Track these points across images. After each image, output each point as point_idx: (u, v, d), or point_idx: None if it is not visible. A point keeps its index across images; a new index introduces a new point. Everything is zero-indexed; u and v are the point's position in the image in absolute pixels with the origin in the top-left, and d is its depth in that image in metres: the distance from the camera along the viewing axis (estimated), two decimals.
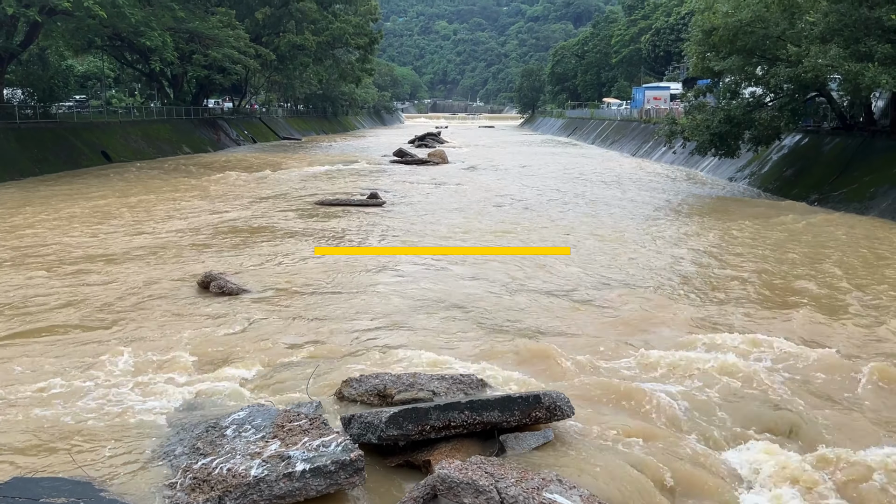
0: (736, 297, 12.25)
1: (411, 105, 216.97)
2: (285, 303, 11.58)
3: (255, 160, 43.47)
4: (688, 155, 35.67)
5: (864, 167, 24.47)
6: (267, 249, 16.06)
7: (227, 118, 64.21)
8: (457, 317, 10.96)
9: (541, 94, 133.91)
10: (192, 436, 6.38)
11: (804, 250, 16.28)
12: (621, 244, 17.11)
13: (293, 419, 6.36)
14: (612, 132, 65.21)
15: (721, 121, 26.31)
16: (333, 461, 5.64)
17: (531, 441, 6.40)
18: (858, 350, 9.64)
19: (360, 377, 7.61)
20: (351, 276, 13.62)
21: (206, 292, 12.11)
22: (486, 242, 17.05)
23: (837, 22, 21.96)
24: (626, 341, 9.87)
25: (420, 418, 6.25)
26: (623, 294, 12.37)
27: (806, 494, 6.00)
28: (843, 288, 12.87)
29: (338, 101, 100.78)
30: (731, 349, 9.29)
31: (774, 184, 28.70)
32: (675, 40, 77.70)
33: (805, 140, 30.47)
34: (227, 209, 22.39)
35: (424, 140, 62.09)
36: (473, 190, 28.45)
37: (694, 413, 7.50)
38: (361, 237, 17.89)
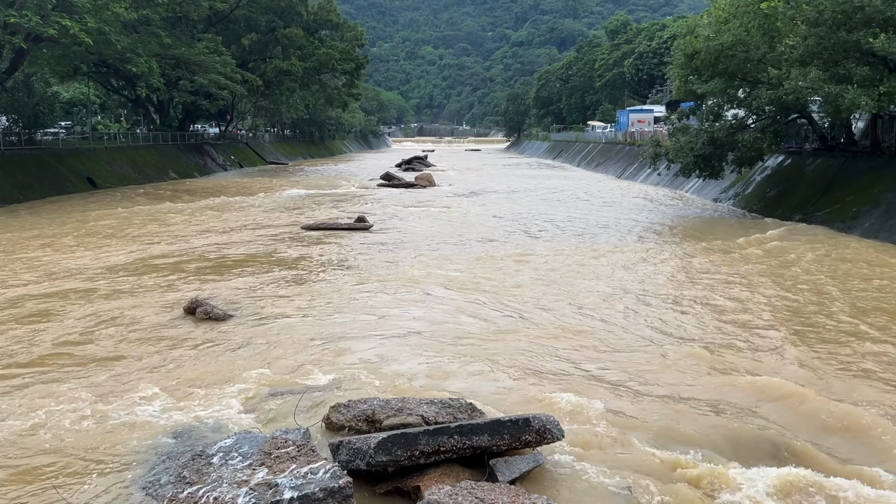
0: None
1: (398, 129, 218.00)
2: (272, 328, 11.51)
3: (242, 185, 43.44)
4: (672, 176, 35.99)
5: (847, 187, 24.77)
6: (253, 274, 15.98)
7: (213, 143, 64.19)
8: (448, 343, 10.92)
9: (526, 117, 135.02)
10: (178, 464, 6.29)
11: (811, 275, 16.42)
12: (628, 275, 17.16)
13: (281, 446, 6.29)
14: (597, 154, 65.71)
15: (705, 143, 26.59)
16: (322, 488, 5.57)
17: (521, 465, 6.35)
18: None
19: (349, 402, 7.55)
20: (340, 300, 13.56)
21: (192, 318, 12.02)
22: (479, 271, 17.05)
23: (817, 45, 22.34)
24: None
25: (409, 443, 6.20)
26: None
27: None
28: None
29: (324, 125, 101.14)
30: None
31: (759, 204, 28.97)
32: (657, 64, 78.77)
33: (788, 161, 30.83)
34: (213, 234, 22.31)
35: (411, 164, 62.32)
36: (462, 213, 28.51)
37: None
38: (347, 264, 17.84)
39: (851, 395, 8.70)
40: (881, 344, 10.69)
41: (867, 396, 8.67)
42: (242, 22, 57.26)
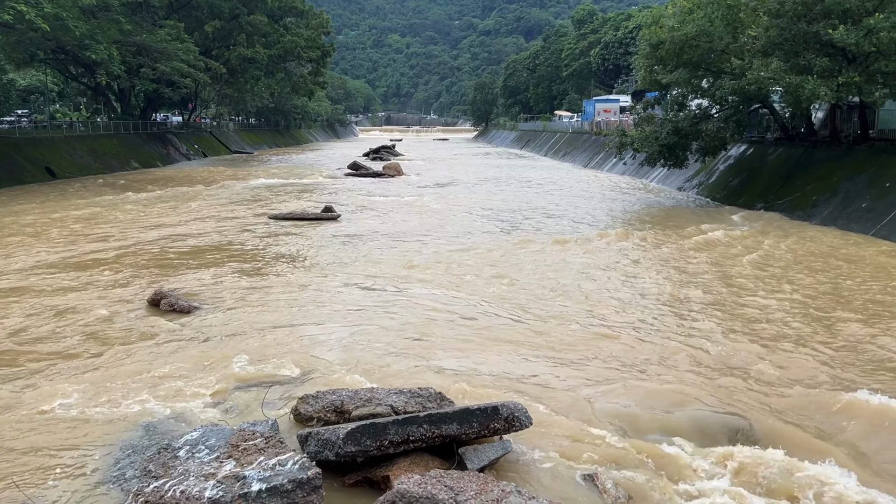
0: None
1: (365, 118, 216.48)
2: (239, 320, 11.39)
3: (207, 174, 42.82)
4: (638, 166, 36.36)
5: (807, 176, 25.28)
6: (219, 265, 15.80)
7: (176, 132, 63.08)
8: (416, 335, 10.93)
9: (494, 106, 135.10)
10: (144, 458, 6.22)
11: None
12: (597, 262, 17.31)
13: (248, 438, 6.25)
14: (564, 144, 66.08)
15: (669, 132, 26.91)
16: (290, 480, 5.55)
17: (490, 453, 6.40)
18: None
19: (317, 393, 7.52)
20: (308, 292, 13.47)
21: (157, 310, 11.85)
22: (449, 262, 17.06)
23: (778, 36, 22.70)
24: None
25: (378, 433, 6.20)
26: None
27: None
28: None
29: (290, 114, 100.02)
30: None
31: (722, 193, 29.43)
32: (623, 54, 79.40)
33: (750, 150, 31.35)
34: (177, 224, 21.98)
35: (379, 153, 62.03)
36: (430, 204, 28.48)
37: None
38: (314, 255, 17.72)
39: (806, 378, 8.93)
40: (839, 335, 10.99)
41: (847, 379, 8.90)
42: (205, 8, 56.25)
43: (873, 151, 23.45)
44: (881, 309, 12.19)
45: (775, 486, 6.33)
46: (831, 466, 6.61)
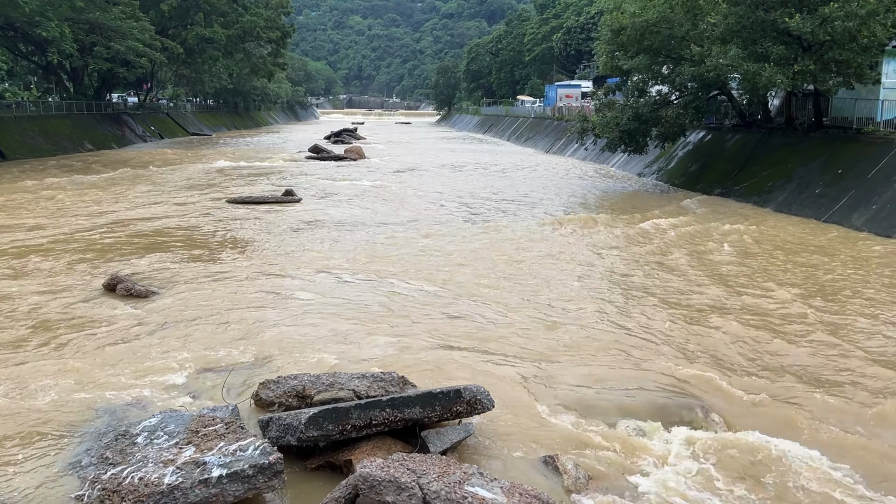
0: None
1: (326, 100, 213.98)
2: (197, 305, 11.22)
3: (163, 156, 41.94)
4: (599, 151, 36.67)
5: (763, 162, 25.78)
6: (176, 249, 15.52)
7: (132, 113, 61.54)
8: (377, 318, 10.90)
9: (457, 90, 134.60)
10: (101, 445, 6.11)
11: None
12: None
13: (208, 424, 6.18)
14: (526, 129, 66.25)
15: (630, 118, 27.14)
16: (251, 465, 5.51)
17: (452, 436, 6.43)
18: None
19: (278, 378, 7.46)
20: (267, 277, 13.32)
21: (113, 295, 11.61)
22: (413, 246, 17.02)
23: (736, 24, 23.00)
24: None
25: (341, 418, 6.18)
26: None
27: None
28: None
29: (249, 95, 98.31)
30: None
31: (681, 178, 29.86)
32: (585, 39, 79.68)
33: (708, 137, 31.83)
34: (132, 208, 21.51)
35: (341, 136, 61.42)
36: (392, 188, 28.35)
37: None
38: (275, 239, 17.51)
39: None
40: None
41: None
42: None
43: (827, 138, 24.00)
44: (816, 288, 12.55)
45: (731, 465, 6.49)
46: (790, 443, 6.81)
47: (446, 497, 5.15)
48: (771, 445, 6.77)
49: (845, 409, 7.82)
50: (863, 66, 21.73)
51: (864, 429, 7.40)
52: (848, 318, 10.99)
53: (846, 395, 8.19)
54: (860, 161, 21.31)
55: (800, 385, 8.45)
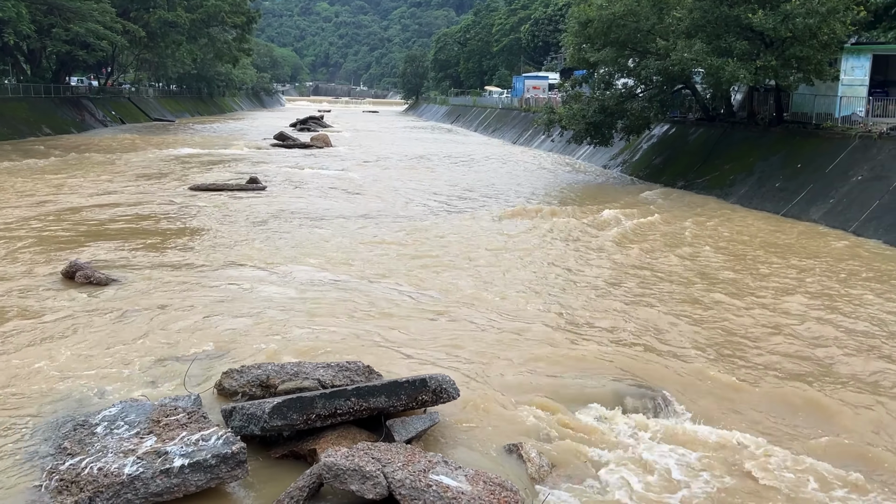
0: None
1: (292, 87, 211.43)
2: (158, 294, 11.05)
3: (125, 142, 41.09)
4: (565, 143, 36.84)
5: (725, 156, 26.20)
6: (137, 237, 15.26)
7: (92, 97, 60.10)
8: (341, 309, 10.85)
9: (424, 80, 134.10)
10: (59, 435, 6.00)
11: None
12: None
13: (170, 413, 6.10)
14: (493, 120, 66.33)
15: (596, 111, 27.34)
16: (214, 455, 5.47)
17: (418, 425, 6.44)
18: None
19: (242, 368, 7.39)
20: (230, 265, 13.17)
21: (72, 283, 11.37)
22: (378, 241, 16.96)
23: (701, 18, 23.29)
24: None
25: (305, 407, 6.15)
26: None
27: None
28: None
29: (214, 81, 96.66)
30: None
31: (645, 171, 30.21)
32: (553, 31, 79.90)
33: (672, 130, 32.24)
34: (92, 195, 21.07)
35: (307, 124, 60.84)
36: (357, 177, 28.20)
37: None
38: (238, 228, 17.31)
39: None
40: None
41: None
42: None
43: (787, 133, 24.48)
44: (762, 283, 12.85)
45: (692, 453, 6.62)
46: (739, 434, 6.98)
47: (411, 485, 5.17)
48: (730, 434, 6.93)
49: (804, 399, 8.03)
50: (822, 63, 22.19)
51: (817, 419, 7.61)
52: (813, 311, 11.27)
53: (808, 385, 8.40)
54: (818, 156, 21.79)
55: (760, 375, 8.64)
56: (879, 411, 7.76)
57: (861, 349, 9.61)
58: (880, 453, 6.88)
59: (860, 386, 8.46)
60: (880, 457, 6.81)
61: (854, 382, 8.55)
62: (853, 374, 8.78)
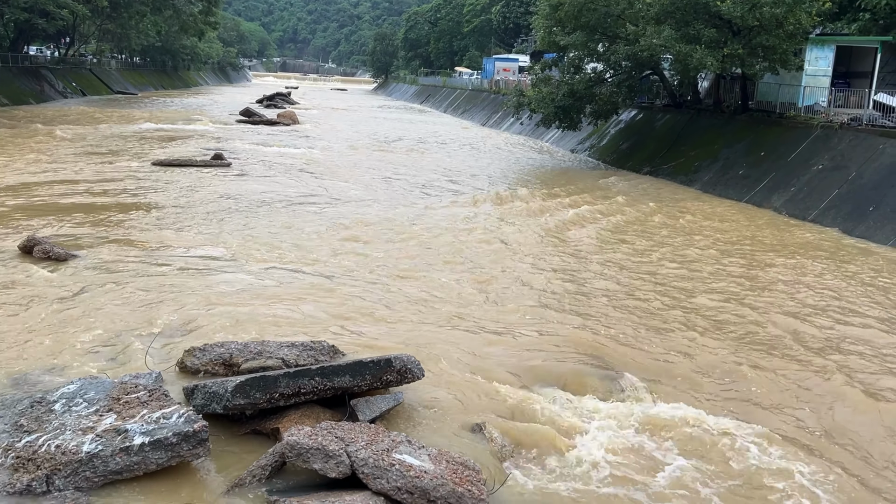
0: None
1: (259, 63, 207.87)
2: (119, 270, 10.85)
3: (86, 115, 40.09)
4: (534, 126, 36.95)
5: (691, 143, 26.52)
6: (98, 213, 14.94)
7: (52, 68, 58.41)
8: (305, 287, 10.79)
9: (394, 59, 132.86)
10: (14, 412, 5.87)
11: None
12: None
13: (130, 391, 6.02)
14: (463, 101, 66.13)
15: (565, 94, 27.40)
16: (175, 433, 5.41)
17: (382, 404, 6.46)
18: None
19: (204, 346, 7.32)
20: (192, 242, 12.98)
21: (30, 257, 11.10)
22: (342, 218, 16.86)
23: (671, 4, 23.41)
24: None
25: (269, 386, 6.12)
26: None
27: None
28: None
29: (178, 55, 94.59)
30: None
31: (612, 156, 30.44)
32: (524, 13, 79.67)
33: (640, 116, 32.49)
34: (52, 169, 20.55)
35: (273, 100, 59.98)
36: (324, 155, 27.94)
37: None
38: (201, 203, 17.05)
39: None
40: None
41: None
42: None
43: (752, 121, 24.84)
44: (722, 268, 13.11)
45: (656, 433, 6.76)
46: (701, 413, 7.14)
47: (374, 464, 5.19)
48: (694, 415, 7.09)
49: (769, 380, 8.23)
50: (788, 53, 22.52)
51: (781, 397, 7.81)
52: (767, 296, 11.52)
53: (771, 366, 8.61)
54: (781, 144, 22.16)
55: (725, 356, 8.83)
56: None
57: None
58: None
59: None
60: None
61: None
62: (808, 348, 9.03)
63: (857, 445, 6.96)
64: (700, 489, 6.01)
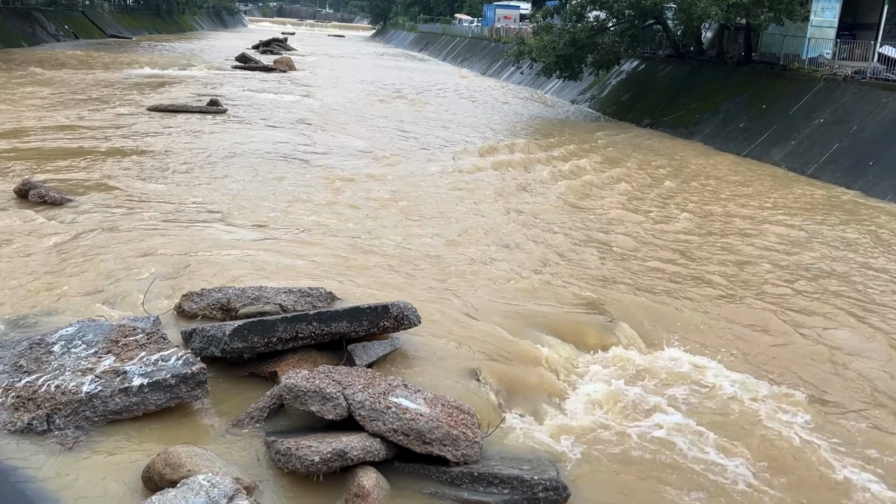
0: None
1: (255, 8, 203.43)
2: (115, 214, 10.81)
3: (80, 59, 39.39)
4: (535, 76, 36.42)
5: (692, 94, 26.23)
6: (93, 157, 14.81)
7: (44, 10, 57.19)
8: (303, 231, 10.77)
9: (393, 5, 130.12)
10: (14, 353, 5.92)
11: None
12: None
13: (129, 334, 6.06)
14: (463, 49, 65.03)
15: (566, 43, 26.95)
16: (174, 375, 5.47)
17: (379, 350, 6.51)
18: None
19: (202, 291, 7.33)
20: (188, 181, 12.91)
21: (25, 202, 11.05)
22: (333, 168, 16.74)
23: None
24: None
25: (266, 330, 6.16)
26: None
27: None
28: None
29: None
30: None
31: (612, 107, 30.12)
32: None
33: (642, 66, 32.04)
34: (47, 113, 20.30)
35: (270, 46, 58.88)
36: (321, 102, 27.61)
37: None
38: (196, 149, 16.90)
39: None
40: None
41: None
42: None
43: (755, 73, 24.53)
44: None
45: (650, 381, 6.85)
46: (699, 359, 7.28)
47: (371, 407, 5.26)
48: (686, 361, 7.20)
49: (755, 328, 8.32)
50: (793, 2, 22.12)
51: (774, 343, 7.91)
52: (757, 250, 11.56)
53: (756, 314, 8.70)
54: (783, 97, 21.94)
55: (714, 304, 8.90)
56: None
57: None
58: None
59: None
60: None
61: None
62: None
63: (872, 398, 7.08)
64: (696, 432, 6.11)
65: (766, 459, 5.81)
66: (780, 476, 5.64)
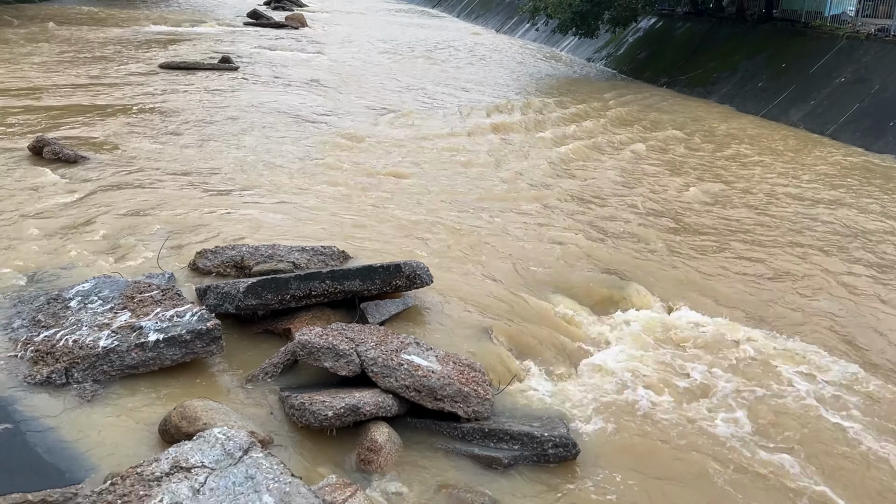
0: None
1: None
2: (129, 171, 10.84)
3: (91, 15, 39.08)
4: (550, 33, 35.79)
5: (710, 53, 25.73)
6: (106, 115, 14.79)
7: None
8: (314, 191, 10.77)
9: None
10: (32, 308, 6.01)
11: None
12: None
13: (144, 290, 6.12)
14: (477, 6, 63.88)
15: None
16: (189, 331, 5.53)
17: (391, 308, 6.55)
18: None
19: (216, 248, 7.38)
20: (202, 146, 12.90)
21: (40, 159, 11.08)
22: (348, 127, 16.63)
23: None
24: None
25: (280, 288, 6.20)
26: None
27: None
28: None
29: None
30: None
31: (629, 66, 29.63)
32: None
33: (659, 24, 31.41)
34: (59, 70, 20.22)
35: (282, 2, 58.13)
36: (333, 62, 27.33)
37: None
38: (209, 106, 16.83)
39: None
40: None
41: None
42: None
43: (774, 31, 24.00)
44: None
45: (665, 342, 6.87)
46: (719, 320, 7.28)
47: (383, 363, 5.31)
48: (702, 321, 7.21)
49: (783, 291, 8.29)
50: None
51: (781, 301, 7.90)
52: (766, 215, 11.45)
53: (756, 278, 8.66)
54: (804, 56, 21.49)
55: (724, 266, 8.87)
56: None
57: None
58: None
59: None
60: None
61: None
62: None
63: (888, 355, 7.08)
64: (715, 391, 6.14)
65: (770, 416, 5.84)
66: (786, 432, 5.67)
